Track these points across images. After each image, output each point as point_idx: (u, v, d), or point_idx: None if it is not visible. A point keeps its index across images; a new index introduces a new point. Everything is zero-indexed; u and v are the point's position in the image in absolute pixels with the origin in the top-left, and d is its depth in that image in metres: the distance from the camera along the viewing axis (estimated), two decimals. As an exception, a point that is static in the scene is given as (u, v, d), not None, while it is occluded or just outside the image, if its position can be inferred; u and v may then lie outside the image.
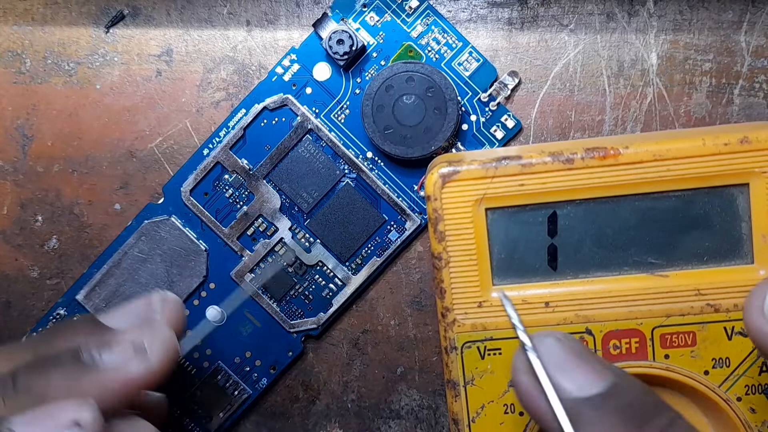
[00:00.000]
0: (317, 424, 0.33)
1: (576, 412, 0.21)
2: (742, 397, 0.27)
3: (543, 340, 0.23)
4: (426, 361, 0.33)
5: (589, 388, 0.22)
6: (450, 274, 0.28)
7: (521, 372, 0.23)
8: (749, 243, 0.27)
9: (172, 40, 0.33)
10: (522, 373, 0.23)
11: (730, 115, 0.31)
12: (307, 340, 0.33)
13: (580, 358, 0.23)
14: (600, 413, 0.21)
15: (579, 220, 0.28)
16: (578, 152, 0.27)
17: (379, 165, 0.32)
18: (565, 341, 0.23)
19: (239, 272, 0.32)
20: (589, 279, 0.28)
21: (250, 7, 0.33)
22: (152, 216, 0.32)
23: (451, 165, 0.28)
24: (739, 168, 0.26)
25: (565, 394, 0.22)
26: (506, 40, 0.32)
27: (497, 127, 0.32)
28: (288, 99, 0.32)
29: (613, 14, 0.31)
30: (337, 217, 0.32)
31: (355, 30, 0.31)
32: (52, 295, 0.34)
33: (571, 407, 0.22)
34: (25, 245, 0.34)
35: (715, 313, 0.27)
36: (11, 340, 0.33)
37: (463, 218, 0.28)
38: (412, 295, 0.33)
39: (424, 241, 0.33)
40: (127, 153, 0.33)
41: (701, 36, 0.31)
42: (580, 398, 0.22)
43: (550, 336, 0.23)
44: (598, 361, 0.23)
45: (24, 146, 0.33)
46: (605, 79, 0.32)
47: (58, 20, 0.33)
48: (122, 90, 0.33)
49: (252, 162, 0.32)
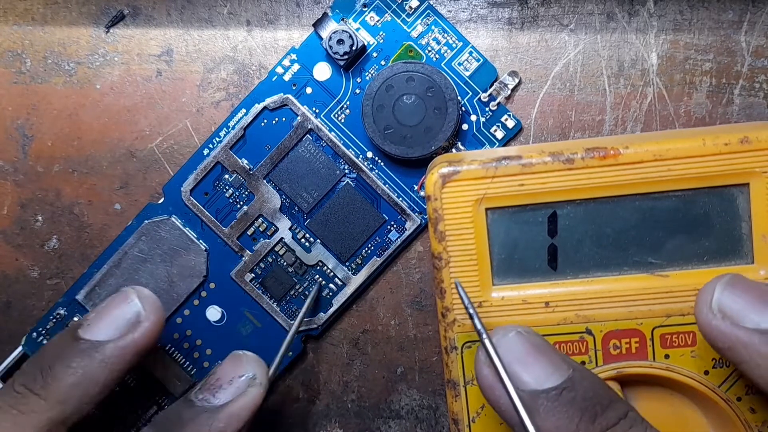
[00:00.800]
0: (317, 424, 0.33)
1: (533, 403, 0.22)
2: (742, 397, 0.27)
3: (505, 334, 0.24)
4: (426, 361, 0.33)
5: (546, 380, 0.23)
6: (450, 274, 0.28)
7: (482, 364, 0.24)
8: (749, 243, 0.27)
9: (173, 40, 0.33)
10: (483, 365, 0.24)
11: (730, 115, 0.31)
12: (308, 340, 0.33)
13: (539, 352, 0.24)
14: (556, 404, 0.22)
15: (579, 220, 0.28)
16: (578, 152, 0.27)
17: (380, 165, 0.32)
18: (527, 335, 0.24)
19: (239, 272, 0.32)
20: (589, 279, 0.28)
21: (251, 7, 0.33)
22: (152, 216, 0.32)
23: (452, 165, 0.28)
24: (740, 168, 0.26)
25: (523, 386, 0.23)
26: (506, 40, 0.32)
27: (497, 127, 0.32)
28: (288, 99, 0.32)
29: (613, 14, 0.31)
30: (338, 217, 0.32)
31: (355, 30, 0.31)
32: (52, 295, 0.34)
33: (529, 399, 0.22)
34: (25, 245, 0.34)
35: (716, 313, 0.27)
36: (11, 340, 0.33)
37: (463, 218, 0.28)
38: (412, 295, 0.33)
39: (424, 241, 0.33)
40: (128, 153, 0.33)
41: (701, 36, 0.31)
42: (537, 390, 0.23)
43: (513, 330, 0.24)
44: (557, 355, 0.24)
45: (24, 146, 0.33)
46: (605, 79, 0.32)
47: (59, 20, 0.33)
48: (122, 90, 0.33)
49: (252, 162, 0.32)
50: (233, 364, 0.28)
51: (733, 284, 0.23)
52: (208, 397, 0.27)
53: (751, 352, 0.22)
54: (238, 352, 0.29)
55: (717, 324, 0.22)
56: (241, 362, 0.28)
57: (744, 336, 0.22)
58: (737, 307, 0.22)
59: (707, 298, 0.23)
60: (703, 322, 0.23)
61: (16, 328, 0.34)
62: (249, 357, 0.29)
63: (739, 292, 0.23)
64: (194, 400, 0.27)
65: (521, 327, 0.25)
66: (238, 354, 0.29)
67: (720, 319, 0.22)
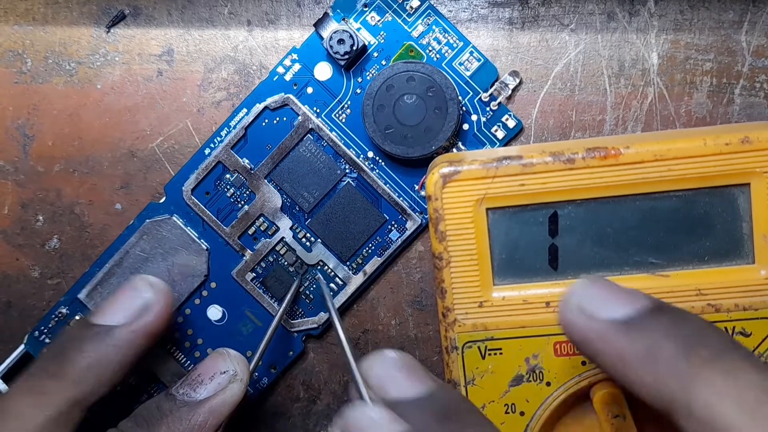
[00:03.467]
0: (318, 423, 0.34)
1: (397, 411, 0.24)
2: (742, 396, 0.27)
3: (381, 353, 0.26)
4: (427, 361, 0.33)
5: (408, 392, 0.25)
6: (451, 274, 0.28)
7: None
8: (750, 243, 0.27)
9: (173, 39, 0.33)
10: None
11: (730, 115, 0.31)
12: (308, 339, 0.33)
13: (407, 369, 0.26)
14: (415, 413, 0.24)
15: (580, 220, 0.28)
16: (579, 152, 0.27)
17: (380, 164, 0.32)
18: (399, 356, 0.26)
19: (240, 271, 0.32)
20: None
21: (251, 7, 0.33)
22: (154, 215, 0.32)
23: (452, 165, 0.28)
24: (740, 168, 0.26)
25: (388, 396, 0.25)
26: (507, 40, 0.32)
27: (498, 126, 0.32)
28: (289, 99, 0.32)
29: (613, 14, 0.31)
30: (338, 217, 0.32)
31: (356, 30, 0.31)
32: (52, 295, 0.34)
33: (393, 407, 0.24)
34: (25, 245, 0.34)
35: (716, 313, 0.27)
36: (12, 339, 0.33)
37: (464, 218, 0.28)
38: (413, 295, 0.33)
39: (424, 240, 0.33)
40: (128, 153, 0.33)
41: (702, 36, 0.31)
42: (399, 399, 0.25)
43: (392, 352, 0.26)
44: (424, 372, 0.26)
45: (25, 146, 0.33)
46: (606, 79, 0.32)
47: (59, 20, 0.33)
48: (123, 90, 0.33)
49: (253, 161, 0.32)
50: (215, 360, 0.29)
51: (592, 283, 0.24)
52: (188, 392, 0.28)
53: (605, 344, 0.23)
54: (221, 350, 0.29)
55: (574, 319, 0.23)
56: (224, 359, 0.29)
57: (597, 327, 0.23)
58: (594, 303, 0.23)
59: (568, 296, 0.24)
60: (562, 318, 0.24)
61: (16, 328, 0.34)
62: (231, 354, 0.29)
63: (596, 290, 0.24)
64: (175, 395, 0.28)
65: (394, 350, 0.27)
66: (221, 351, 0.29)
67: (577, 315, 0.23)
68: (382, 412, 0.24)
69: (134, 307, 0.28)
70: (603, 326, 0.23)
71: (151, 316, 0.28)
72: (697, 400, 0.20)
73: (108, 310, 0.28)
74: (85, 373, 0.27)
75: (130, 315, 0.28)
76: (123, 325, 0.28)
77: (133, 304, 0.28)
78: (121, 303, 0.28)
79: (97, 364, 0.27)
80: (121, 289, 0.29)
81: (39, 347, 0.33)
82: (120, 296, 0.29)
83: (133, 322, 0.28)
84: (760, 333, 0.27)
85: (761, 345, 0.27)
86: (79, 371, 0.27)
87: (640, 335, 0.22)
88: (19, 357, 0.33)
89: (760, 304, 0.27)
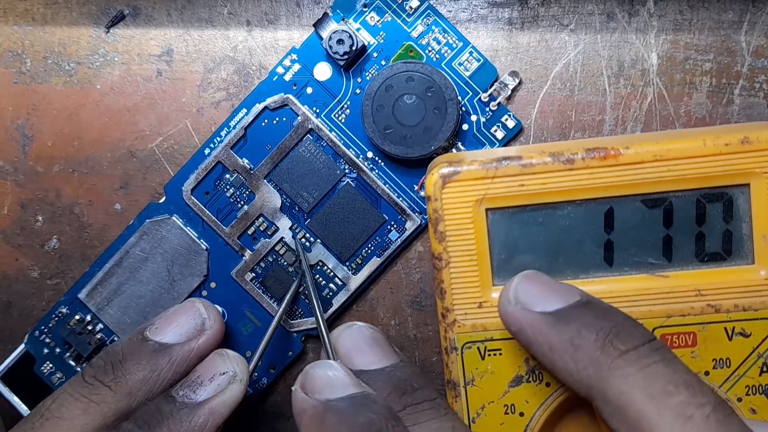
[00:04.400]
0: (318, 423, 0.33)
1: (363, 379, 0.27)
2: (742, 397, 0.27)
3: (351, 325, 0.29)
4: (426, 361, 0.33)
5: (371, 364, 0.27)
6: (450, 274, 0.28)
7: None
8: (750, 243, 0.27)
9: (173, 40, 0.33)
10: None
11: (730, 115, 0.31)
12: (308, 339, 0.33)
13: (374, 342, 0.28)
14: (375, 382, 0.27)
15: (579, 220, 0.28)
16: (579, 152, 0.27)
17: (380, 165, 0.32)
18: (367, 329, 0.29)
19: (240, 271, 0.32)
20: (589, 279, 0.28)
21: (251, 7, 0.33)
22: (154, 215, 0.32)
23: (452, 165, 0.28)
24: (740, 168, 0.26)
25: (353, 365, 0.27)
26: (506, 40, 0.32)
27: (497, 127, 0.32)
28: (289, 99, 0.32)
29: (613, 14, 0.31)
30: (338, 217, 0.32)
31: (355, 30, 0.31)
32: (52, 295, 0.34)
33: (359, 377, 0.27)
34: (25, 245, 0.34)
35: (716, 313, 0.27)
36: (12, 339, 0.33)
37: (464, 219, 0.28)
38: (413, 295, 0.33)
39: (424, 241, 0.33)
40: (128, 153, 0.33)
41: (701, 36, 0.31)
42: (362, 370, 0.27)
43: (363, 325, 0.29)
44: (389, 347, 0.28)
45: (24, 146, 0.33)
46: (605, 79, 0.32)
47: (59, 20, 0.33)
48: (122, 90, 0.33)
49: (253, 161, 0.32)
50: (214, 361, 0.29)
51: (529, 277, 0.26)
52: (188, 394, 0.28)
53: (536, 333, 0.25)
54: (220, 350, 0.30)
55: (511, 310, 0.25)
56: (223, 360, 0.29)
57: (531, 318, 0.25)
58: (530, 295, 0.25)
59: (507, 290, 0.26)
60: (501, 310, 0.26)
61: (16, 328, 0.34)
62: (230, 355, 0.29)
63: (531, 283, 0.26)
64: (175, 396, 0.28)
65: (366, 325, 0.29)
66: (220, 352, 0.30)
67: (514, 306, 0.25)
68: (341, 373, 0.26)
69: (192, 327, 0.29)
70: (536, 318, 0.25)
71: (205, 338, 0.29)
72: (611, 388, 0.23)
73: (166, 327, 0.29)
74: (138, 385, 0.28)
75: (186, 335, 0.29)
76: (179, 343, 0.29)
77: (191, 324, 0.29)
78: (179, 323, 0.29)
79: (151, 378, 0.28)
80: (180, 309, 0.30)
81: (39, 347, 0.33)
82: (179, 315, 0.30)
83: (190, 341, 0.29)
84: (759, 333, 0.27)
85: (761, 345, 0.27)
86: (134, 383, 0.28)
87: (567, 326, 0.24)
88: (19, 357, 0.33)
89: (759, 305, 0.27)
